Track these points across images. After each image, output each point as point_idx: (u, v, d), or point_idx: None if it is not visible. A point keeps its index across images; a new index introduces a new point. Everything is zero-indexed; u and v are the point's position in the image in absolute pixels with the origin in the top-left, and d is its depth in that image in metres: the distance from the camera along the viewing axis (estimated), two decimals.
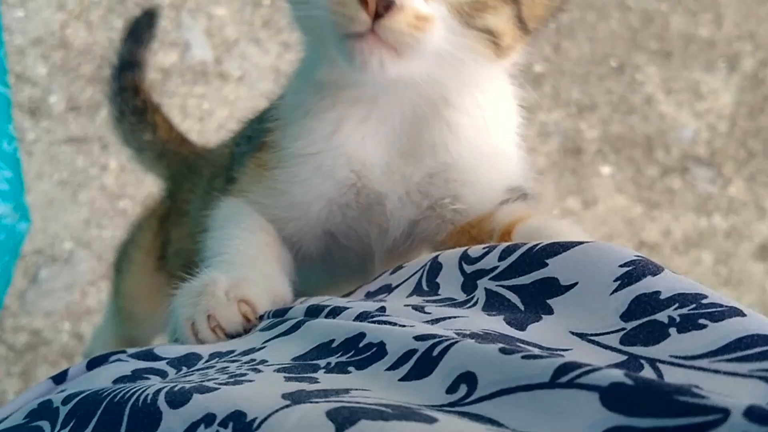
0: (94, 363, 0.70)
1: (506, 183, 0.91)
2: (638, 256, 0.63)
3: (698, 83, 2.67)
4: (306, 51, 0.90)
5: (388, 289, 0.77)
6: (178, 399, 0.53)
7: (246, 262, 0.82)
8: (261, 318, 0.75)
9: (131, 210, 2.22)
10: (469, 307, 0.68)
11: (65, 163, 2.23)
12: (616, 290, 0.60)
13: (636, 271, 0.61)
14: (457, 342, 0.54)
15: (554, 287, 0.65)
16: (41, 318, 2.12)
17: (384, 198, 0.87)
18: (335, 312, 0.69)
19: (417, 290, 0.74)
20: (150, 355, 0.69)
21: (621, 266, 0.62)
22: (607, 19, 2.70)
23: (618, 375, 0.45)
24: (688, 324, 0.55)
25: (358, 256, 0.92)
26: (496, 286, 0.69)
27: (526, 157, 0.98)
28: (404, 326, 0.61)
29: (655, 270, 0.61)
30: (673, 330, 0.55)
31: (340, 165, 0.86)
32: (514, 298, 0.66)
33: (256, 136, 0.95)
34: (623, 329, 0.57)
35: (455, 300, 0.70)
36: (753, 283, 2.50)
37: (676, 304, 0.57)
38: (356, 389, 0.53)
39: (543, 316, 0.63)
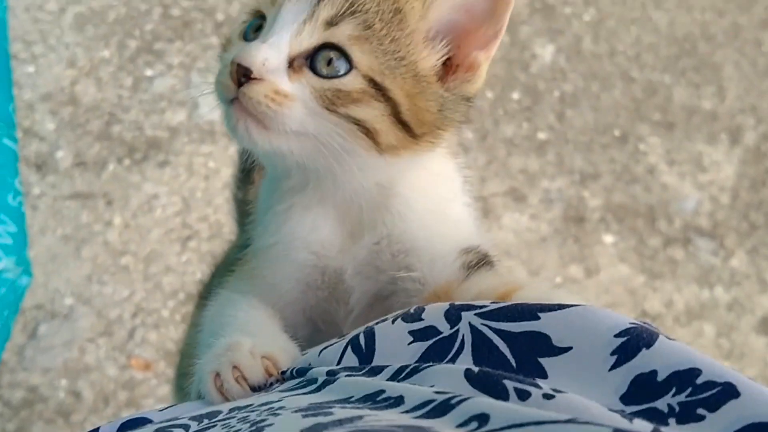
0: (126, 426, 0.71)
1: (456, 245, 0.91)
2: (633, 323, 0.62)
3: (701, 155, 2.68)
4: None
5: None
6: None
7: (259, 329, 0.85)
8: (283, 374, 0.77)
9: (133, 267, 2.22)
10: (459, 353, 0.68)
11: (69, 218, 2.22)
12: (614, 366, 0.60)
13: (631, 342, 0.61)
14: (476, 398, 0.55)
15: (547, 346, 0.64)
16: (39, 374, 2.10)
17: (343, 274, 0.91)
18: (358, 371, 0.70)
19: (404, 317, 0.75)
20: (173, 412, 0.71)
21: (616, 336, 0.61)
22: (610, 90, 2.73)
23: None
24: (686, 415, 0.55)
25: (332, 334, 0.94)
26: (482, 324, 0.68)
27: (480, 219, 0.99)
28: (420, 372, 0.63)
29: (649, 340, 0.60)
30: (672, 420, 0.55)
31: (298, 249, 0.90)
32: (504, 348, 0.66)
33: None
34: (622, 410, 0.57)
35: (440, 332, 0.70)
36: (755, 357, 2.49)
37: (674, 389, 0.57)
38: (369, 416, 0.54)
39: (537, 379, 0.62)
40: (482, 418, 0.52)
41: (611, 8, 2.85)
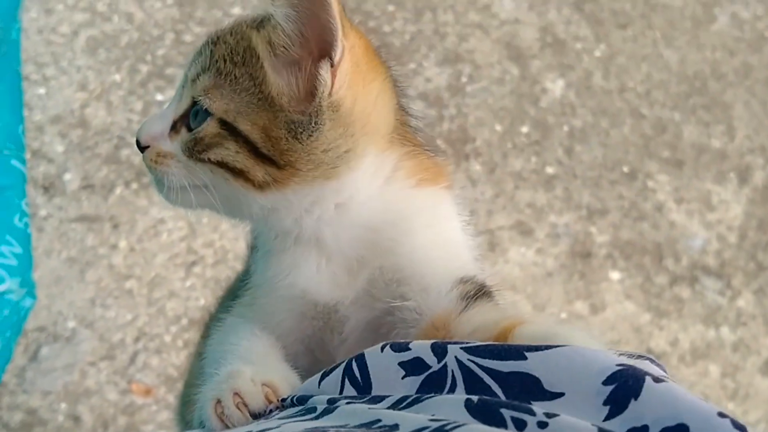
0: None
1: (451, 275, 0.91)
2: (619, 365, 0.62)
3: (709, 193, 2.68)
4: None
5: None
6: None
7: (260, 358, 0.86)
8: (283, 402, 0.77)
9: (137, 291, 2.21)
10: (453, 389, 0.68)
11: (75, 240, 2.22)
12: (608, 417, 0.60)
13: (619, 392, 0.60)
14: (470, 425, 0.56)
15: (538, 389, 0.64)
16: (38, 397, 2.09)
17: (337, 305, 0.92)
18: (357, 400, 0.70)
19: (392, 345, 0.75)
20: None
21: (605, 383, 0.61)
22: (620, 126, 2.73)
23: None
24: None
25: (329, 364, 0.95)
26: (468, 360, 0.68)
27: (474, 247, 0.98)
28: (417, 406, 0.63)
29: (636, 388, 0.60)
30: None
31: (288, 287, 0.92)
32: (496, 388, 0.66)
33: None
34: None
35: (429, 366, 0.70)
36: (760, 399, 2.47)
37: None
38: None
39: (533, 403, 0.63)
40: None
41: (622, 45, 2.85)
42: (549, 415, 0.57)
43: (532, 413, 0.58)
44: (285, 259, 0.93)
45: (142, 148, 0.89)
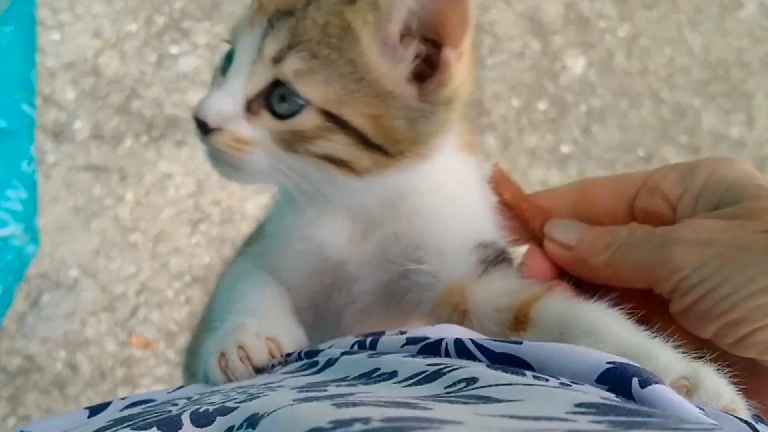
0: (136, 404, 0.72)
1: (470, 239, 0.88)
2: (610, 363, 0.58)
3: None
4: None
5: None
6: (202, 420, 0.54)
7: (266, 310, 0.85)
8: (288, 357, 0.77)
9: (142, 244, 2.20)
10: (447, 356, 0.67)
11: (82, 190, 2.21)
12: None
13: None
14: (469, 367, 0.55)
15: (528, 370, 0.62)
16: (37, 343, 2.09)
17: (347, 264, 0.90)
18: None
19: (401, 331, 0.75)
20: (180, 393, 0.73)
21: (596, 381, 0.57)
22: (639, 108, 2.69)
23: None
24: None
25: (334, 323, 0.96)
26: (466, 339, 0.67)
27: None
28: (419, 357, 0.63)
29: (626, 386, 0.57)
30: None
31: (301, 240, 0.90)
32: (484, 361, 0.64)
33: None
34: None
35: (427, 337, 0.69)
36: None
37: None
38: (361, 392, 0.54)
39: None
40: (471, 381, 0.52)
41: (646, 26, 2.81)
42: (574, 382, 0.56)
43: (557, 378, 0.57)
44: (306, 213, 0.88)
45: (208, 130, 0.77)
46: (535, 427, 0.42)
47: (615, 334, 0.69)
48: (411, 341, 0.69)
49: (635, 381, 0.55)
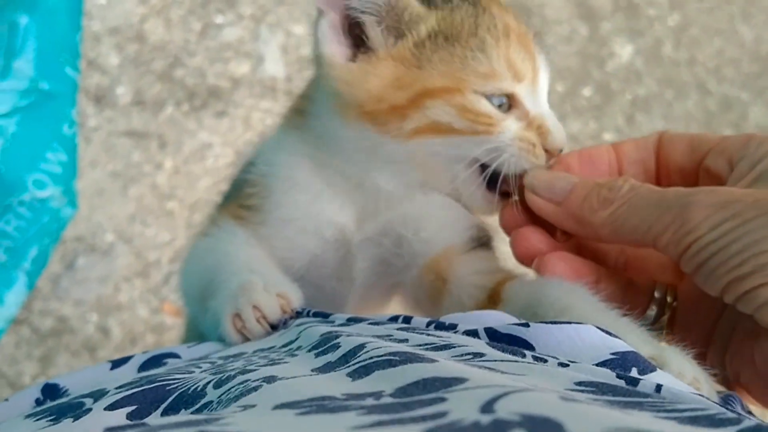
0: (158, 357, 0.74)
1: (468, 218, 0.93)
2: (614, 353, 0.58)
3: None
4: (322, 135, 0.90)
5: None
6: (223, 383, 0.55)
7: (265, 267, 0.85)
8: (298, 314, 0.78)
9: (178, 212, 2.20)
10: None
11: (121, 155, 2.21)
12: None
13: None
14: (475, 346, 0.57)
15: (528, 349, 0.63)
16: (71, 306, 2.10)
17: (351, 245, 0.92)
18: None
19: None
20: (201, 350, 0.75)
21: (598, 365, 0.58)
22: (684, 99, 2.65)
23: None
24: None
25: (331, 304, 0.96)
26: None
27: None
28: (431, 334, 0.63)
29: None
30: None
31: (319, 227, 0.91)
32: (483, 338, 0.64)
33: (232, 191, 1.00)
34: None
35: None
36: None
37: None
38: (371, 343, 0.56)
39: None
40: (478, 355, 0.54)
41: (697, 16, 2.76)
42: (572, 362, 0.56)
43: (556, 358, 0.57)
44: (318, 192, 0.90)
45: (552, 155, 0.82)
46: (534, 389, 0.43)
47: (584, 314, 0.69)
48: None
49: (634, 370, 0.57)
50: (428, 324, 0.69)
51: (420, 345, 0.58)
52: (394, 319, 0.73)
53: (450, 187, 0.84)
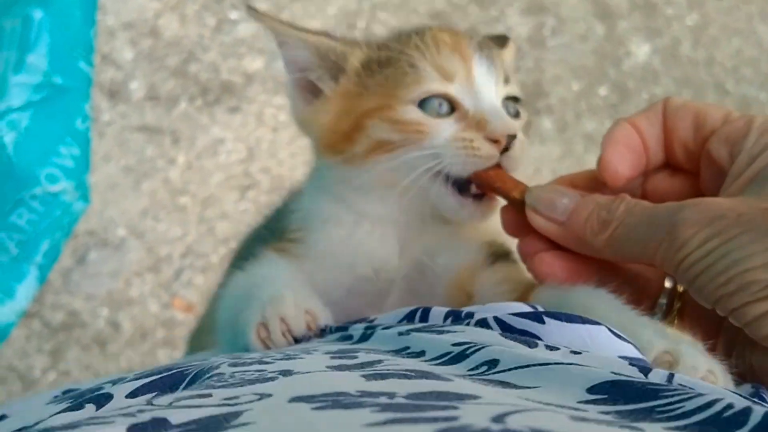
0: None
1: (480, 237, 0.95)
2: (621, 358, 0.58)
3: None
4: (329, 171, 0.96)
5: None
6: (239, 365, 0.57)
7: (299, 286, 0.86)
8: (323, 331, 0.79)
9: (190, 207, 2.20)
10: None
11: (134, 150, 2.22)
12: None
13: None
14: (491, 346, 0.57)
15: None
16: (82, 300, 2.11)
17: (390, 280, 0.94)
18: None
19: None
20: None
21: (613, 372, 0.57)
22: (702, 99, 2.63)
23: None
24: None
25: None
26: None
27: None
28: (445, 333, 0.64)
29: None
30: None
31: (360, 264, 0.93)
32: (496, 329, 0.66)
33: (275, 229, 1.04)
34: None
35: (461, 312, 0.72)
36: None
37: None
38: (388, 360, 0.57)
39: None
40: (492, 363, 0.55)
41: (715, 15, 2.73)
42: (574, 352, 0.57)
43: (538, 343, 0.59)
44: (371, 235, 0.94)
45: (507, 145, 0.84)
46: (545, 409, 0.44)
47: (604, 314, 0.69)
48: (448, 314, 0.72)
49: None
50: (446, 316, 0.70)
51: (436, 358, 0.59)
52: (412, 314, 0.74)
53: (428, 201, 0.88)
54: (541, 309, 0.68)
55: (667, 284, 0.78)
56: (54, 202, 2.03)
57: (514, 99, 0.91)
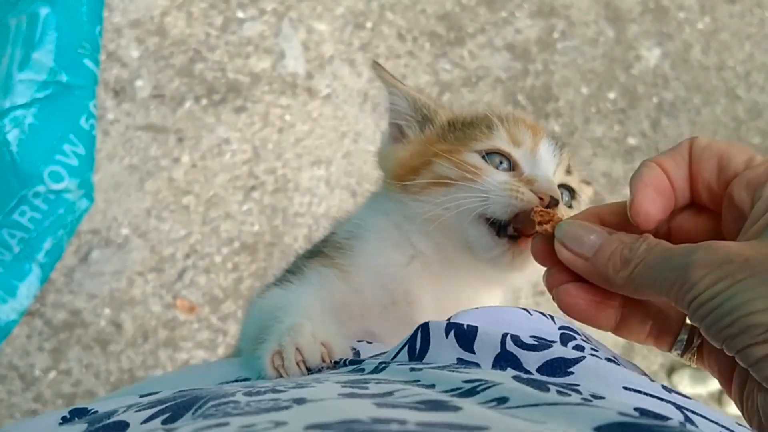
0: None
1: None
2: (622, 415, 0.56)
3: None
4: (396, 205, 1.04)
5: None
6: (254, 394, 0.58)
7: (320, 315, 0.89)
8: (336, 364, 0.81)
9: (194, 207, 2.19)
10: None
11: (139, 149, 2.20)
12: None
13: None
14: (502, 384, 0.58)
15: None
16: (84, 299, 2.10)
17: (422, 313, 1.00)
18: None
19: None
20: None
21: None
22: (713, 105, 2.60)
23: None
24: None
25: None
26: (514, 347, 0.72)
27: None
28: (456, 371, 0.65)
29: None
30: None
31: (395, 288, 0.99)
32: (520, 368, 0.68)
33: (325, 241, 1.11)
34: None
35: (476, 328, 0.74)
36: None
37: None
38: (399, 391, 0.58)
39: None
40: (502, 400, 0.56)
41: (728, 20, 2.71)
42: (595, 396, 0.58)
43: (579, 392, 0.59)
44: (396, 254, 1.00)
45: (549, 204, 0.89)
46: None
47: None
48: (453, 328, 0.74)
49: None
50: (447, 329, 0.72)
51: (446, 391, 0.60)
52: (413, 336, 0.76)
53: (464, 243, 0.94)
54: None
55: (688, 321, 0.79)
56: (57, 201, 2.02)
57: (571, 191, 0.98)
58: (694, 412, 0.62)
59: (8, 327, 2.00)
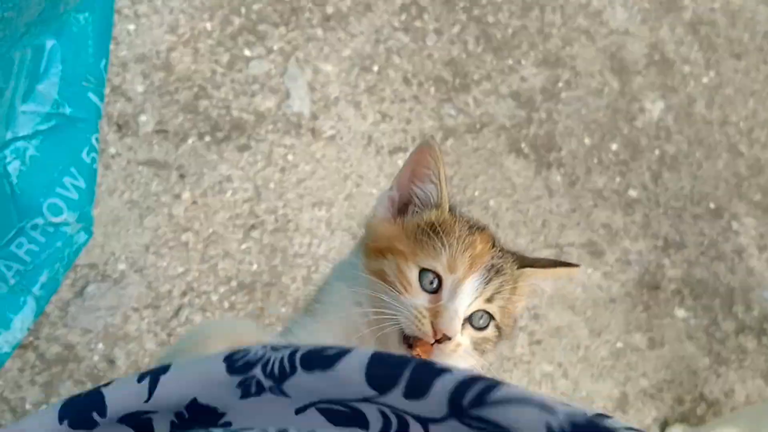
0: None
1: None
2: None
3: None
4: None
5: None
6: None
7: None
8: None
9: (192, 245, 2.18)
10: None
11: (139, 183, 2.20)
12: None
13: None
14: None
15: None
16: (78, 333, 2.08)
17: None
18: None
19: None
20: None
21: None
22: (714, 159, 2.61)
23: None
24: None
25: None
26: None
27: None
28: None
29: None
30: None
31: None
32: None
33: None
34: None
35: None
36: None
37: None
38: None
39: None
40: None
41: (732, 75, 2.72)
42: None
43: None
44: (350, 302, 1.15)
45: (440, 339, 1.06)
46: None
47: None
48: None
49: None
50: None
51: None
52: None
53: (380, 330, 1.08)
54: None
55: None
56: (55, 234, 2.00)
57: (490, 316, 1.12)
58: None
59: (1, 360, 1.98)
